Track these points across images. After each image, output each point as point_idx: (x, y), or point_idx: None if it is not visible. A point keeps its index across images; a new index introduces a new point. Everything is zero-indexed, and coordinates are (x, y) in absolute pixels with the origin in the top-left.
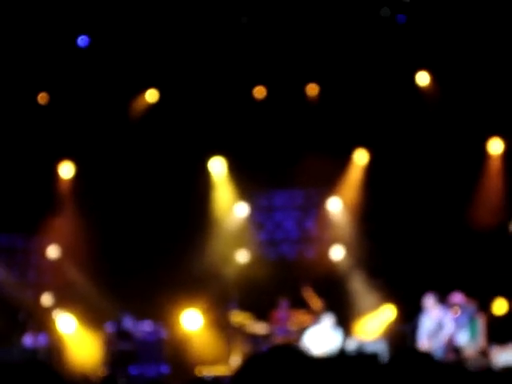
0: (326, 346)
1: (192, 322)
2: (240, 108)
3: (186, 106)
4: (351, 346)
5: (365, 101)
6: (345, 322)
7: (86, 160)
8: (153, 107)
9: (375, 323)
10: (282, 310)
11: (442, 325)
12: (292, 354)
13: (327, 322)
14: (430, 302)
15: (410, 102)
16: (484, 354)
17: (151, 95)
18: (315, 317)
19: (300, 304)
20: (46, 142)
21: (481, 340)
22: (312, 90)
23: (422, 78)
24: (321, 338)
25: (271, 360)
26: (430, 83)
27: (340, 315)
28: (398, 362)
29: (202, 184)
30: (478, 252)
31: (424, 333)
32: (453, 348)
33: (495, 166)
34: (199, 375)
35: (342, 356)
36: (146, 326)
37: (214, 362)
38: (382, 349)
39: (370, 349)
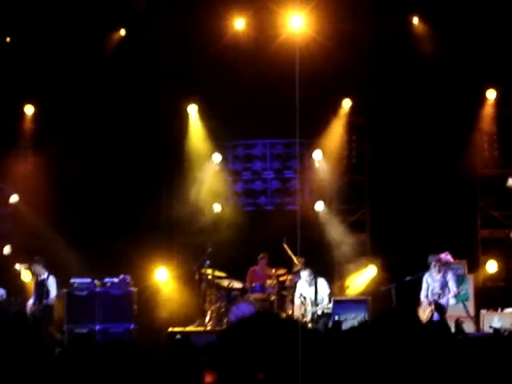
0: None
1: (163, 276)
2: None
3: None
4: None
5: (355, 49)
6: (328, 279)
7: (48, 100)
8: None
9: (359, 281)
10: (260, 267)
11: (446, 285)
12: (274, 321)
13: (305, 278)
14: (434, 262)
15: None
16: (472, 317)
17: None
18: (294, 275)
19: (278, 260)
20: (7, 85)
21: (469, 302)
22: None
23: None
24: (307, 291)
25: (254, 327)
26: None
27: (322, 272)
28: (381, 323)
29: (176, 130)
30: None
31: (430, 292)
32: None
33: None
34: (170, 332)
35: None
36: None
37: (185, 318)
38: (363, 309)
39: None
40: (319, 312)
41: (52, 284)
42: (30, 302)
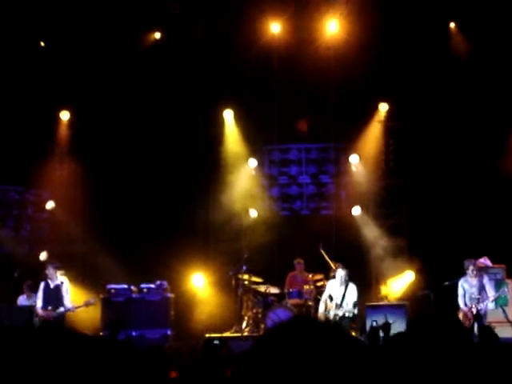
0: (340, 298)
1: (200, 282)
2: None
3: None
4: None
5: (391, 53)
6: (364, 284)
7: (84, 106)
8: (159, 48)
9: (396, 286)
10: (298, 272)
11: (484, 288)
12: (314, 325)
13: (340, 276)
14: (471, 267)
15: (437, 52)
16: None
17: None
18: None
19: (315, 265)
20: (43, 91)
21: (508, 307)
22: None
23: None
24: (336, 292)
25: (293, 331)
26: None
27: (358, 276)
28: (418, 327)
29: (212, 135)
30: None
31: (467, 298)
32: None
33: None
34: (207, 337)
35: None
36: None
37: (222, 323)
38: (401, 314)
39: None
40: (340, 314)
41: (67, 292)
42: (39, 305)
